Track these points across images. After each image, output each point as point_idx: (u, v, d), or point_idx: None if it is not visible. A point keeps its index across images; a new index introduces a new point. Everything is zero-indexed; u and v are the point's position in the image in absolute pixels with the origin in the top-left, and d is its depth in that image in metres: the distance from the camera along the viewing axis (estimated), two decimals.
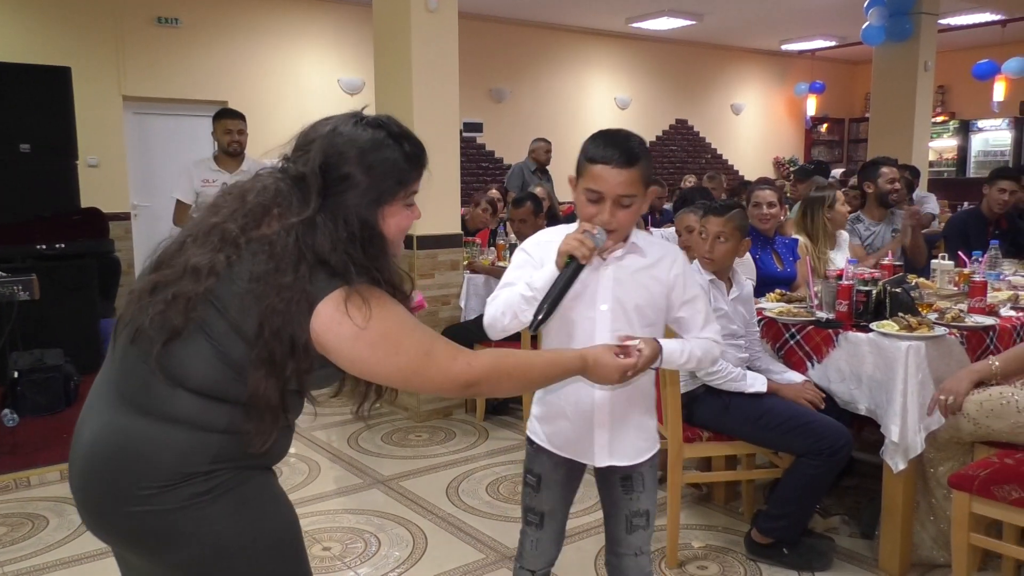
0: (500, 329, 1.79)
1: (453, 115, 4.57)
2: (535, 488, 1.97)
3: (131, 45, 7.42)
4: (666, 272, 1.87)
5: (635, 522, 1.94)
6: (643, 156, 1.76)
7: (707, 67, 11.82)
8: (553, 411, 1.91)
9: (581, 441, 1.89)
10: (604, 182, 1.72)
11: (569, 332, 1.83)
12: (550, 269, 1.72)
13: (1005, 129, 11.67)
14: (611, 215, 1.73)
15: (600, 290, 1.81)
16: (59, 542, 3.15)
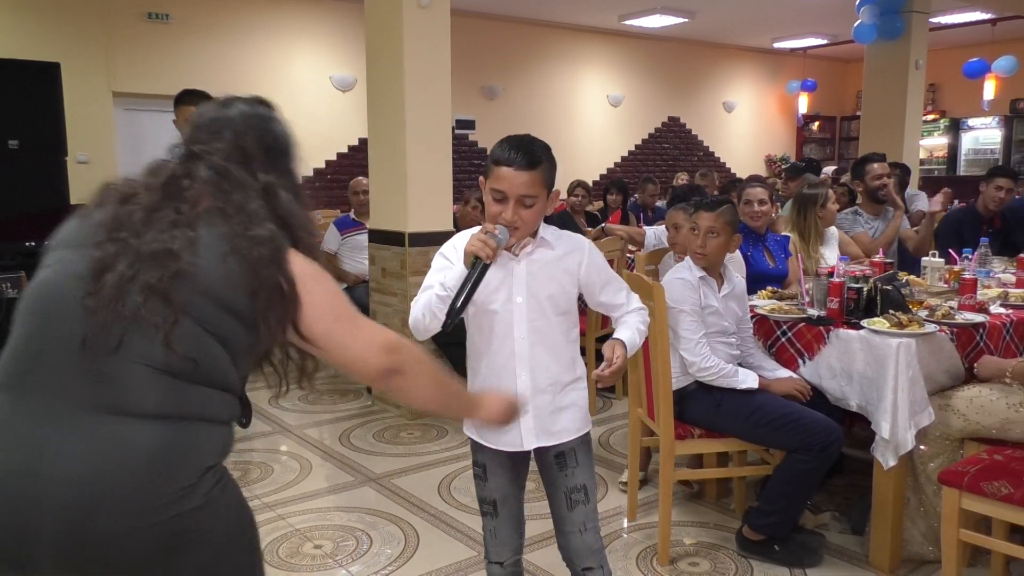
0: (423, 330, 1.88)
1: (445, 112, 4.56)
2: (482, 478, 2.06)
3: (121, 41, 7.39)
4: (575, 264, 1.98)
5: (574, 498, 2.01)
6: (545, 160, 1.88)
7: (699, 65, 11.84)
8: None
9: (507, 430, 1.96)
10: (507, 183, 1.84)
11: (490, 323, 1.94)
12: (459, 269, 1.83)
13: (995, 127, 11.73)
14: (514, 214, 1.85)
15: (516, 284, 1.93)
16: None
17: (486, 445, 2.02)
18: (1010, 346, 3.05)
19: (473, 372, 2.04)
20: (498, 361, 1.96)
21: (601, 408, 4.76)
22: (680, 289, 2.87)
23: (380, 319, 4.80)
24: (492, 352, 1.96)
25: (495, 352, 1.96)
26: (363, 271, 5.25)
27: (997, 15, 9.59)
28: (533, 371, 1.95)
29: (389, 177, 4.59)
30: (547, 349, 1.96)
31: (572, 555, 2.05)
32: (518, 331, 1.93)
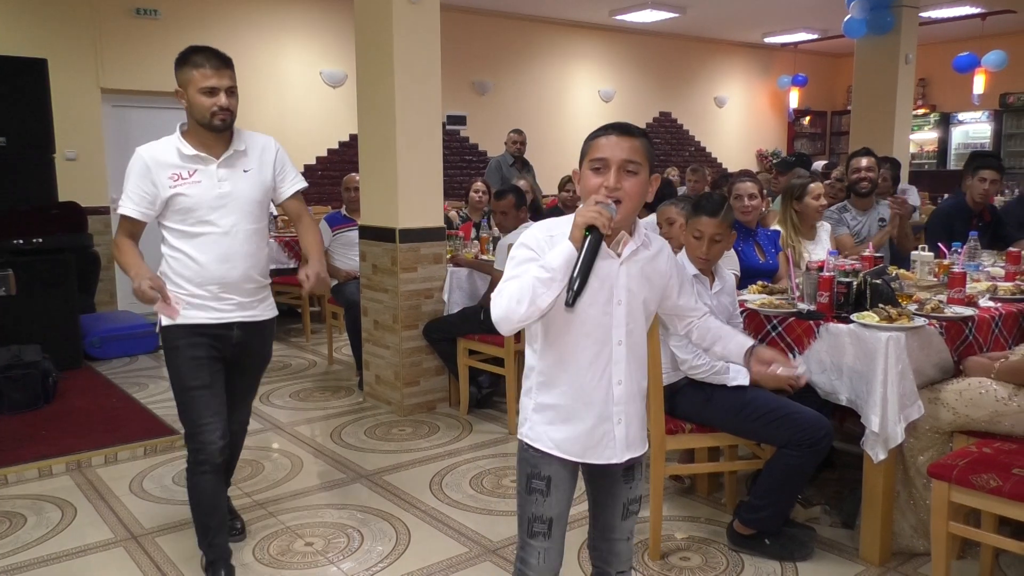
0: (517, 319, 1.68)
1: (435, 108, 4.54)
2: (544, 493, 1.86)
3: (109, 37, 7.34)
4: (665, 263, 1.90)
5: (631, 508, 1.95)
6: (644, 136, 1.79)
7: (691, 60, 11.84)
8: (564, 414, 1.83)
9: (600, 441, 1.83)
10: (607, 149, 1.74)
11: (586, 329, 1.78)
12: (565, 248, 1.65)
13: (985, 121, 11.77)
14: (617, 180, 1.72)
15: (618, 286, 1.79)
16: (36, 540, 3.11)
17: (561, 456, 1.84)
18: (999, 339, 3.06)
19: (549, 380, 1.84)
20: (594, 370, 1.80)
21: None
22: None
23: (371, 315, 4.79)
24: (586, 359, 1.80)
25: (591, 359, 1.80)
26: (354, 267, 5.24)
27: (986, 9, 9.62)
28: (629, 378, 1.83)
29: (380, 173, 4.57)
30: (636, 355, 1.85)
31: (611, 559, 1.97)
32: (617, 335, 1.80)
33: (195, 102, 2.54)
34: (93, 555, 2.99)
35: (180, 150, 2.59)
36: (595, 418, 1.82)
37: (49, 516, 3.32)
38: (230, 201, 2.62)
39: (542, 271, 1.65)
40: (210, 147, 2.61)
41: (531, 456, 1.87)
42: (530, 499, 1.88)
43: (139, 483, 3.66)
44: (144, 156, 2.58)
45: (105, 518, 3.30)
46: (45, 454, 3.84)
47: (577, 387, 1.81)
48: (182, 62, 2.56)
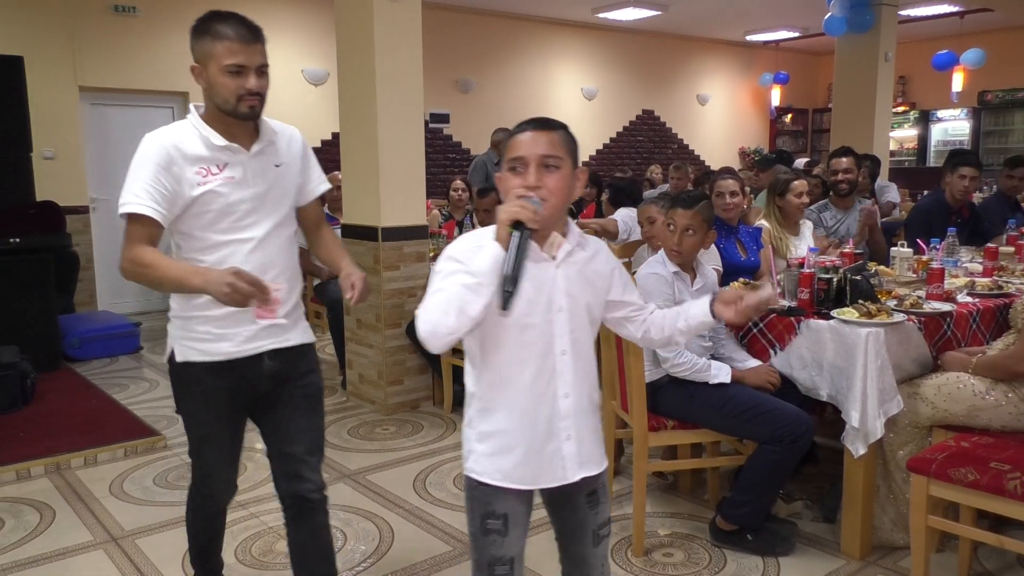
0: (445, 333, 1.55)
1: (417, 106, 4.53)
2: (502, 532, 1.71)
3: (87, 34, 7.25)
4: (604, 263, 1.78)
5: (601, 533, 1.81)
6: (563, 128, 1.68)
7: (673, 58, 11.88)
8: (509, 440, 1.70)
9: (548, 462, 1.70)
10: (524, 146, 1.63)
11: (525, 341, 1.66)
12: (492, 249, 1.54)
13: (964, 119, 11.89)
14: (537, 178, 1.60)
15: (557, 291, 1.67)
16: (15, 543, 3.08)
17: (510, 487, 1.69)
18: (977, 335, 3.09)
19: (488, 404, 1.72)
20: (537, 385, 1.67)
21: None
22: (654, 284, 2.87)
23: (354, 314, 4.77)
24: (528, 374, 1.67)
25: (534, 373, 1.67)
26: None
27: (965, 8, 9.71)
28: (576, 390, 1.70)
29: (362, 171, 4.55)
30: (584, 364, 1.72)
31: None
32: (560, 345, 1.67)
33: (217, 83, 2.00)
34: (73, 558, 2.97)
35: (209, 139, 2.04)
36: (542, 438, 1.69)
37: (27, 519, 3.29)
38: (266, 202, 2.12)
39: (468, 277, 1.54)
40: (237, 136, 2.07)
41: (482, 494, 1.72)
42: (487, 540, 1.72)
43: (119, 485, 3.63)
44: (164, 143, 2.01)
45: (85, 520, 3.27)
46: (23, 456, 3.80)
47: (520, 407, 1.68)
48: (202, 31, 2.01)
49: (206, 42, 2.01)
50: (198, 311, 2.08)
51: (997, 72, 10.95)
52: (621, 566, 2.82)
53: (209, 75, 2.01)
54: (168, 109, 7.76)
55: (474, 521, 1.74)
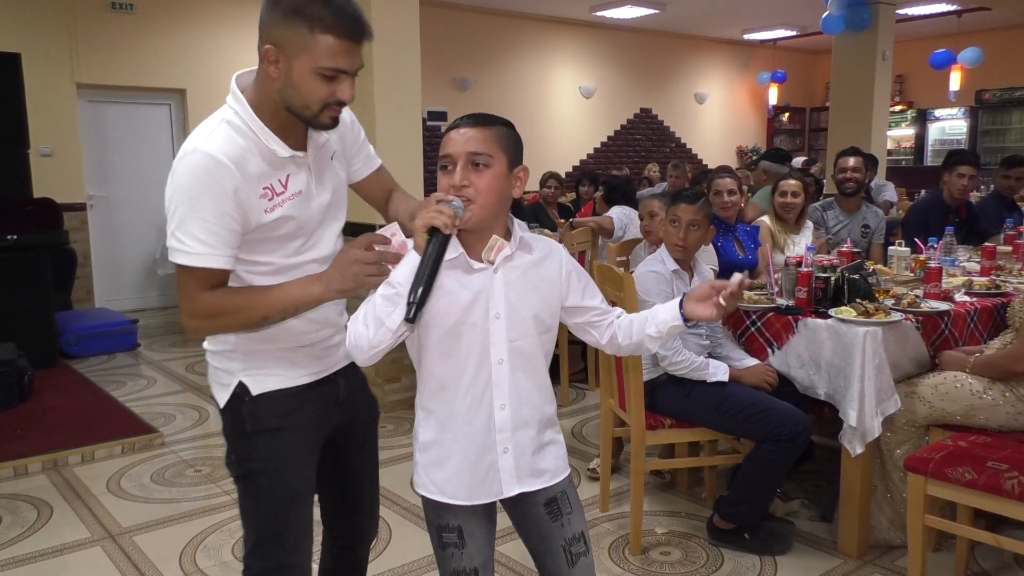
0: (367, 345, 1.49)
1: (415, 104, 4.53)
2: (459, 545, 1.62)
3: (85, 31, 7.23)
4: (555, 269, 1.66)
5: (574, 550, 1.66)
6: (500, 124, 1.58)
7: (671, 56, 11.87)
8: (443, 450, 1.62)
9: (486, 477, 1.61)
10: (453, 143, 1.54)
11: (460, 348, 1.57)
12: (409, 258, 1.49)
13: (961, 118, 11.90)
14: (463, 177, 1.51)
15: (494, 297, 1.57)
16: (12, 540, 3.07)
17: (454, 503, 1.62)
18: (974, 334, 3.10)
19: (427, 414, 1.65)
20: (472, 394, 1.59)
21: (574, 399, 4.77)
22: (653, 282, 2.88)
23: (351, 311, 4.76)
24: (463, 383, 1.59)
25: (468, 383, 1.58)
26: None
27: (962, 7, 9.72)
28: (515, 401, 1.60)
29: None
30: (529, 374, 1.62)
31: None
32: (496, 353, 1.58)
33: (303, 84, 1.53)
34: (70, 554, 2.96)
35: (274, 152, 1.58)
36: (476, 450, 1.60)
37: (25, 516, 3.28)
38: (332, 211, 1.74)
39: (387, 287, 1.48)
40: (292, 135, 1.62)
41: (431, 506, 1.65)
42: (445, 555, 1.64)
43: (116, 482, 3.62)
44: (223, 162, 1.52)
45: (82, 517, 3.27)
46: (21, 453, 3.79)
47: (454, 417, 1.60)
48: (297, 12, 1.48)
49: (301, 28, 1.49)
50: (267, 343, 1.67)
51: (994, 71, 10.97)
52: (618, 564, 2.83)
53: (292, 70, 1.52)
54: (165, 106, 7.75)
55: (431, 534, 1.67)
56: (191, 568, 2.83)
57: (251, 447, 1.67)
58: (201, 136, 1.55)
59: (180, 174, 1.53)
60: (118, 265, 7.72)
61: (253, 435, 1.67)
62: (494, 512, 1.70)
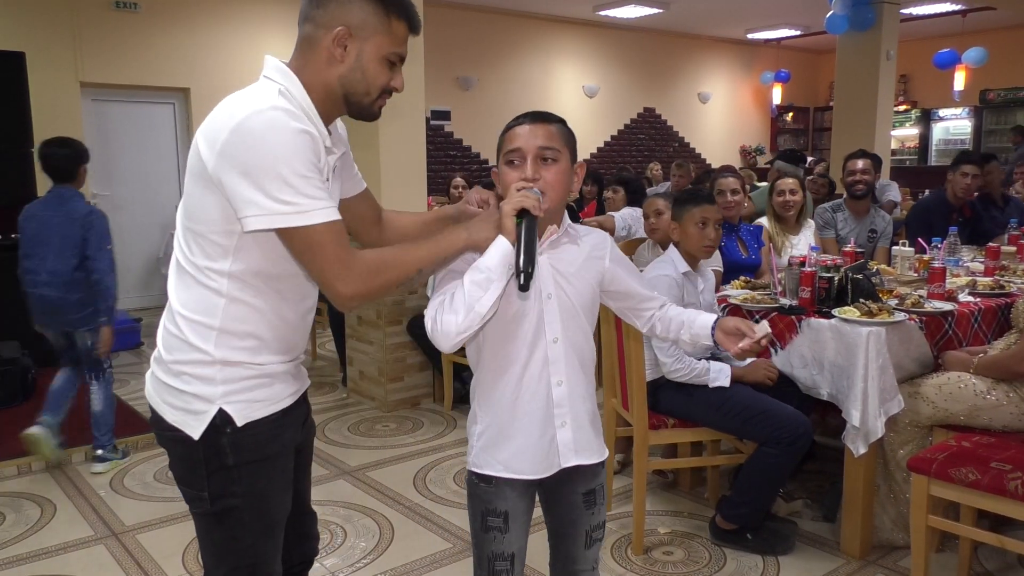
0: (455, 332, 1.52)
1: (419, 103, 4.53)
2: (502, 530, 1.69)
3: (88, 30, 7.25)
4: (600, 254, 1.73)
5: (594, 536, 1.79)
6: (560, 121, 1.65)
7: (674, 56, 11.86)
8: (506, 432, 1.68)
9: (546, 452, 1.68)
10: (521, 138, 1.59)
11: (515, 330, 1.63)
12: (498, 244, 1.51)
13: (965, 118, 11.88)
14: (534, 170, 1.57)
15: (543, 278, 1.64)
16: (16, 538, 3.08)
17: (511, 483, 1.67)
18: (978, 334, 3.09)
19: (488, 398, 1.68)
20: (530, 372, 1.65)
21: None
22: (665, 287, 2.83)
23: (355, 311, 4.77)
24: (520, 363, 1.64)
25: (525, 362, 1.64)
26: None
27: (967, 6, 9.71)
28: (570, 378, 1.68)
29: (363, 168, 4.48)
30: (578, 354, 1.70)
31: None
32: (551, 332, 1.64)
33: (369, 68, 1.51)
34: (73, 552, 2.97)
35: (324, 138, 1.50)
36: (538, 426, 1.67)
37: (28, 513, 3.29)
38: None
39: (476, 273, 1.51)
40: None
41: (482, 491, 1.71)
42: (487, 537, 1.71)
43: (120, 480, 3.63)
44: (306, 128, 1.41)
45: (85, 515, 3.28)
46: (24, 451, 3.80)
47: (514, 396, 1.66)
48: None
49: (378, 12, 1.49)
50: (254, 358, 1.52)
51: (999, 71, 10.95)
52: (621, 564, 2.83)
53: (362, 54, 1.50)
54: (169, 105, 7.76)
55: (475, 518, 1.73)
56: (194, 567, 2.83)
57: (232, 481, 1.51)
58: (265, 98, 1.40)
59: (262, 132, 1.36)
60: (121, 264, 7.65)
61: (236, 468, 1.51)
62: (534, 500, 1.77)
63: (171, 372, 1.50)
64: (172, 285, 1.53)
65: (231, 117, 1.38)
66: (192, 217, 1.47)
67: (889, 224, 4.70)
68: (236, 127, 1.36)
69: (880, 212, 4.76)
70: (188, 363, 1.49)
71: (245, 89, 1.47)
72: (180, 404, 1.50)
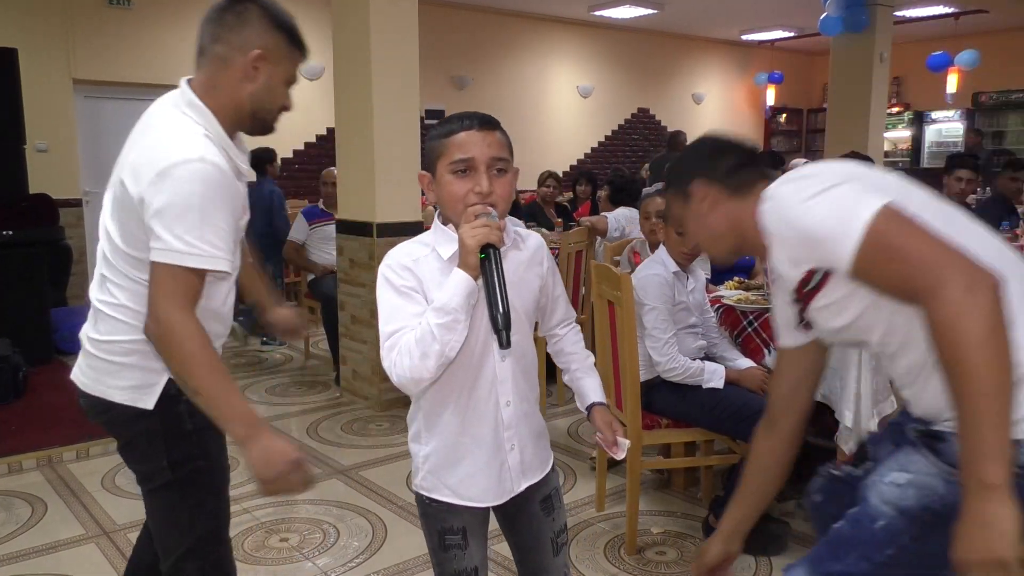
0: (429, 378, 1.45)
1: (414, 102, 4.52)
2: (462, 546, 1.62)
3: (81, 26, 7.22)
4: (539, 261, 1.65)
5: (559, 541, 1.72)
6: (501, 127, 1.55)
7: (669, 56, 11.89)
8: (455, 453, 1.60)
9: (497, 478, 1.61)
10: (474, 147, 1.45)
11: (467, 345, 1.50)
12: (461, 282, 1.42)
13: (957, 120, 11.94)
14: (490, 183, 1.46)
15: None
16: (6, 536, 3.07)
17: (465, 505, 1.61)
18: None
19: (434, 416, 1.60)
20: (479, 393, 1.56)
21: (570, 398, 4.77)
22: (655, 286, 2.85)
23: (348, 310, 4.76)
24: (468, 383, 1.56)
25: (473, 382, 1.56)
26: (331, 262, 5.20)
27: (960, 9, 9.75)
28: (517, 396, 1.59)
29: (357, 167, 4.55)
30: (523, 366, 1.61)
31: None
32: (499, 355, 1.56)
33: (277, 90, 1.68)
34: (64, 551, 2.96)
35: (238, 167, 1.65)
36: (488, 450, 1.59)
37: (19, 512, 3.27)
38: None
39: (441, 315, 1.40)
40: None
41: (435, 510, 1.63)
42: (448, 556, 1.63)
43: (111, 479, 3.62)
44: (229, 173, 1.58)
45: (76, 514, 3.26)
46: (15, 449, 3.78)
47: (463, 417, 1.58)
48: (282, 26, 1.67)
49: (285, 40, 1.66)
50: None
51: (991, 73, 11.00)
52: (614, 564, 2.83)
53: (272, 75, 1.65)
54: None
55: (432, 536, 1.66)
56: None
57: (193, 445, 1.66)
58: (194, 146, 1.53)
59: (187, 182, 1.48)
60: None
61: (194, 433, 1.65)
62: (490, 512, 1.70)
63: (113, 351, 1.62)
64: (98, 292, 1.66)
65: (158, 160, 1.50)
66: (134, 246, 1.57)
67: None
68: (166, 171, 1.48)
69: None
70: (130, 341, 1.60)
71: (169, 124, 1.58)
72: (127, 383, 1.62)
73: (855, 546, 1.43)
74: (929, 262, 1.21)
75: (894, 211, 1.27)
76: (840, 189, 1.35)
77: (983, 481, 1.16)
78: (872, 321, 1.38)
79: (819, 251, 1.34)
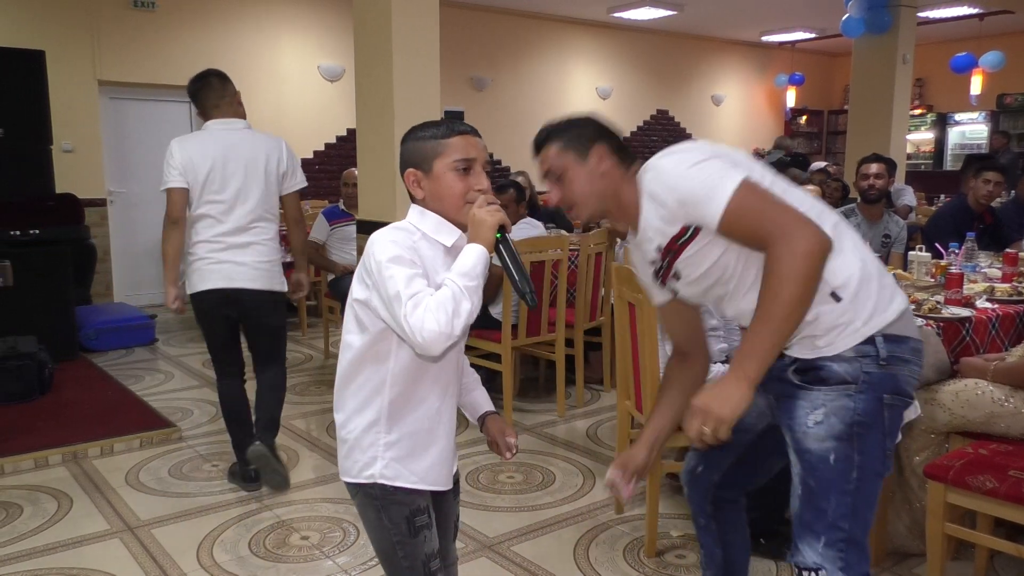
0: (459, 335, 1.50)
1: (434, 103, 4.54)
2: (429, 526, 1.70)
3: (107, 29, 7.31)
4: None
5: (458, 525, 1.88)
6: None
7: (688, 58, 11.84)
8: (423, 440, 1.67)
9: (451, 460, 1.74)
10: (475, 148, 1.61)
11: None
12: (480, 251, 1.53)
13: (981, 122, 11.80)
14: (487, 181, 1.63)
15: None
16: (32, 531, 3.11)
17: (428, 489, 1.69)
18: (996, 341, 3.07)
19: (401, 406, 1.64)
20: (442, 381, 1.68)
21: (589, 400, 4.77)
22: None
23: None
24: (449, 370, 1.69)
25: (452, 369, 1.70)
26: (351, 262, 5.23)
27: (984, 9, 9.64)
28: (457, 383, 1.76)
29: (377, 168, 4.57)
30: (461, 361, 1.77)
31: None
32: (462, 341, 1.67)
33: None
34: (89, 546, 2.99)
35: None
36: (446, 437, 1.70)
37: (45, 507, 3.32)
38: None
39: (466, 279, 1.49)
40: None
41: (402, 496, 1.65)
42: (419, 540, 1.67)
43: (135, 475, 3.66)
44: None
45: (101, 509, 3.30)
46: (41, 444, 3.83)
47: (433, 404, 1.66)
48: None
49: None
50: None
51: (1016, 75, 10.87)
52: (633, 567, 2.83)
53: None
54: (185, 104, 7.79)
55: (398, 525, 1.66)
56: (208, 562, 2.85)
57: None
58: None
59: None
60: (137, 261, 7.79)
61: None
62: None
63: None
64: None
65: None
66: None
67: (903, 229, 4.66)
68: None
69: (894, 217, 4.73)
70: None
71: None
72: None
73: (828, 490, 1.73)
74: (777, 221, 1.57)
75: (751, 183, 1.63)
76: (711, 163, 1.68)
77: (745, 373, 1.59)
78: (725, 262, 1.74)
79: (695, 211, 1.67)
